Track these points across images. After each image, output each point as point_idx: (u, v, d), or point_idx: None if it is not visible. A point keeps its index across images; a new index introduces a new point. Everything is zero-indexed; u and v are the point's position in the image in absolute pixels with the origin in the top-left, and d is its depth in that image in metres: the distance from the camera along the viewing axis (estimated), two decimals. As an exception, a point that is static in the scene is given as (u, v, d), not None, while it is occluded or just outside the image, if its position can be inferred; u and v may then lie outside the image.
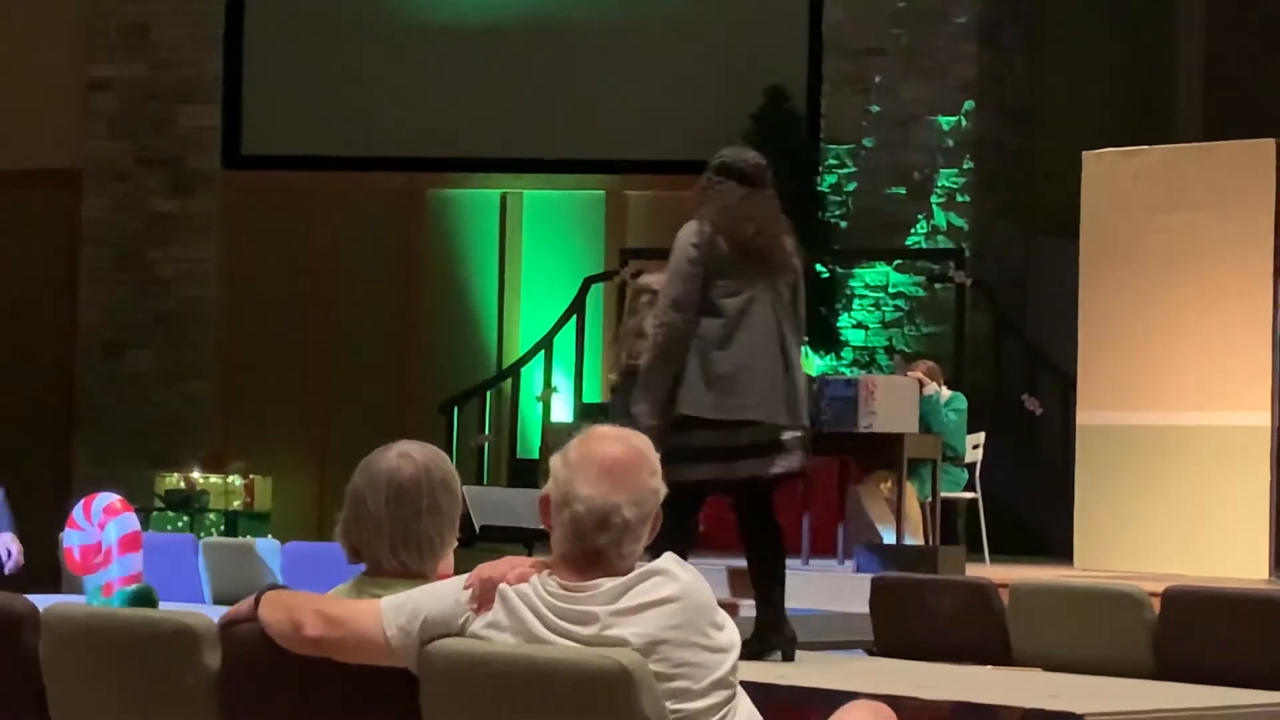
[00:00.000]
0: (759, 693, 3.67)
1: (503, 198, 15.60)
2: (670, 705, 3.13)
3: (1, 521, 6.78)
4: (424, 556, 3.55)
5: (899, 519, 10.73)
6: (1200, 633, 5.10)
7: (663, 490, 3.31)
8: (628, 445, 3.31)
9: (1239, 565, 10.54)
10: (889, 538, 10.80)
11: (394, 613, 3.38)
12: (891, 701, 3.95)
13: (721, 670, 3.23)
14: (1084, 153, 11.90)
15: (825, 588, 10.19)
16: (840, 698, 3.89)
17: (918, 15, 14.47)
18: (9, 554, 6.75)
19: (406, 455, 3.59)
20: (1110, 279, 11.59)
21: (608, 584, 3.24)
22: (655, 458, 3.33)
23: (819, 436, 10.77)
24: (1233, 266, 11.15)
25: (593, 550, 3.24)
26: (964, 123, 14.45)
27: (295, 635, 3.43)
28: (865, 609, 6.30)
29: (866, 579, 6.60)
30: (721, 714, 3.22)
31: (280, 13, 15.48)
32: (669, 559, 3.28)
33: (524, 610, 3.28)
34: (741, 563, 7.60)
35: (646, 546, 3.35)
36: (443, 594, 3.39)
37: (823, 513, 11.07)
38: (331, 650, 3.41)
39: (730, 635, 3.28)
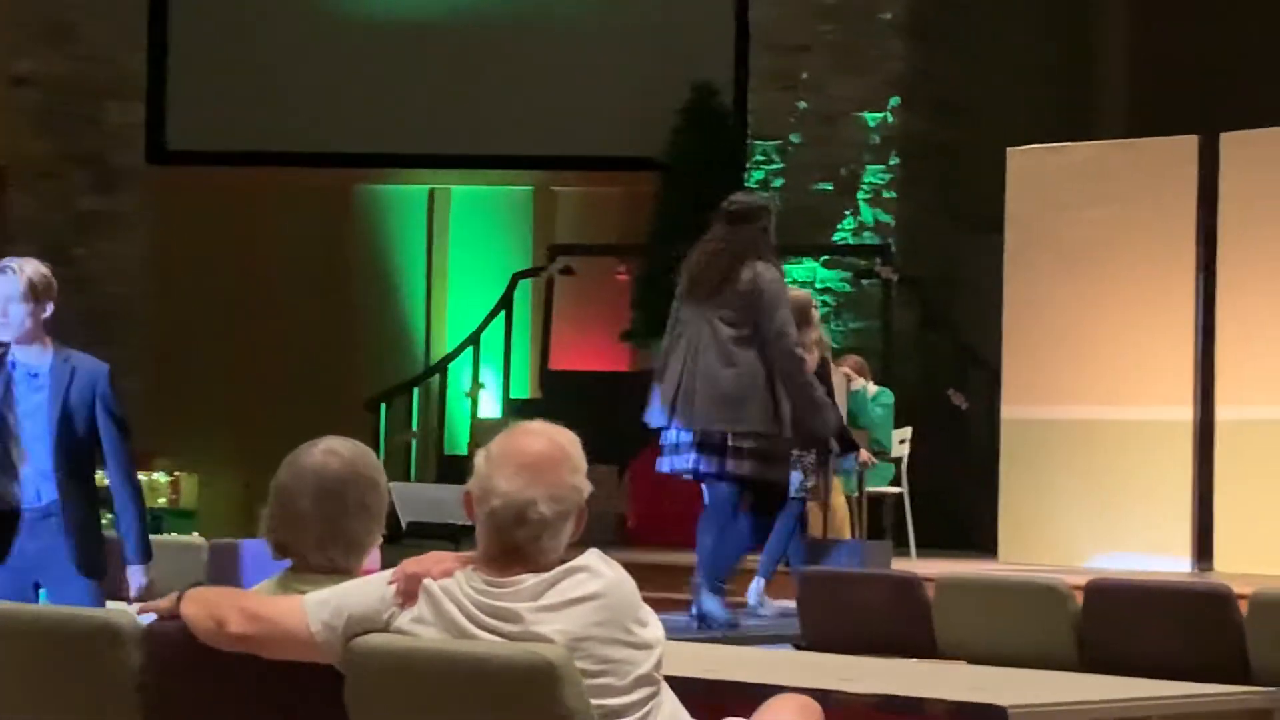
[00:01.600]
0: (684, 687, 3.68)
1: (430, 193, 15.57)
2: (595, 701, 3.13)
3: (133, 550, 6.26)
4: (350, 553, 3.54)
5: (826, 514, 10.77)
6: (1122, 625, 5.15)
7: (586, 488, 3.32)
8: (550, 441, 3.31)
9: (1162, 558, 10.63)
10: (816, 533, 10.83)
11: (318, 609, 3.38)
12: (817, 695, 3.97)
13: (645, 666, 3.24)
14: (1009, 149, 11.97)
15: (751, 582, 10.22)
16: (766, 691, 3.90)
17: (845, 11, 14.51)
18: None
19: (333, 452, 3.58)
20: (1035, 274, 11.67)
21: (531, 580, 3.25)
22: (579, 458, 3.33)
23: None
24: (1155, 262, 11.24)
25: (511, 545, 3.25)
26: (891, 119, 14.50)
27: (219, 632, 3.42)
28: (793, 603, 6.33)
29: (794, 574, 6.63)
30: (645, 710, 3.23)
31: (205, 7, 15.40)
32: (593, 555, 3.28)
33: (449, 605, 3.28)
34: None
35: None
36: (368, 590, 3.39)
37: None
38: (256, 647, 3.40)
39: (654, 631, 3.29)
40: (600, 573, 3.25)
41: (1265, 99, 12.47)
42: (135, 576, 6.11)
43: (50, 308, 6.00)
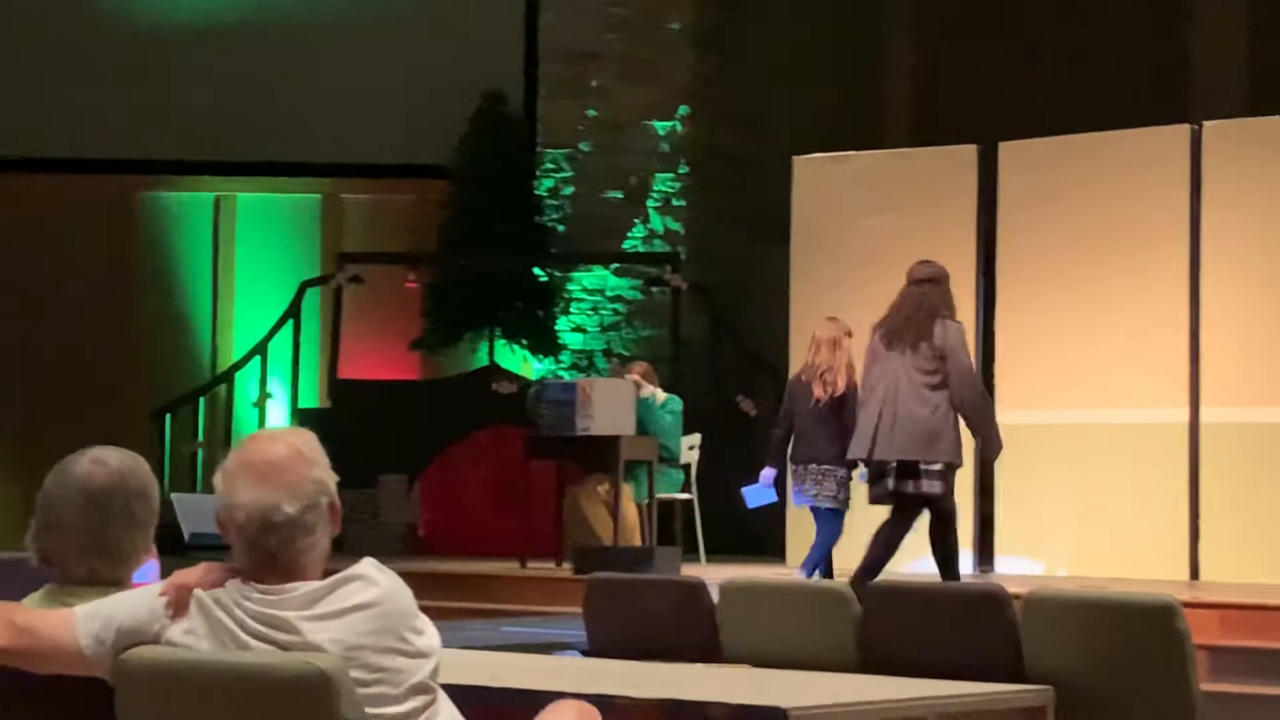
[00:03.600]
0: (464, 695, 3.66)
1: (216, 201, 15.38)
2: (369, 710, 3.11)
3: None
4: (114, 564, 3.47)
5: (616, 521, 10.80)
6: (902, 627, 5.21)
7: (329, 480, 3.28)
8: (283, 444, 3.27)
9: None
10: (607, 539, 10.86)
11: (88, 621, 3.31)
12: (602, 701, 3.97)
13: (421, 675, 3.21)
14: (794, 157, 12.11)
15: (542, 590, 10.23)
16: (548, 698, 3.90)
17: (633, 21, 14.58)
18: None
19: (100, 461, 3.51)
20: (820, 281, 11.81)
21: (304, 588, 3.21)
22: (316, 451, 3.29)
23: (537, 440, 10.88)
24: (938, 269, 11.42)
25: (267, 555, 3.21)
26: (679, 127, 14.59)
27: (-17, 645, 3.33)
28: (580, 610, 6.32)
29: (583, 581, 6.62)
30: (422, 719, 3.21)
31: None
32: (368, 564, 3.25)
33: (221, 616, 3.23)
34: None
35: None
36: (137, 602, 3.32)
37: (541, 515, 11.10)
38: (22, 660, 3.33)
39: (430, 640, 3.27)
40: (375, 581, 3.22)
41: (1041, 110, 12.75)
42: None
43: None
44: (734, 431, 13.19)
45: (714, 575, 6.07)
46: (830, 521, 9.65)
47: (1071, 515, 9.84)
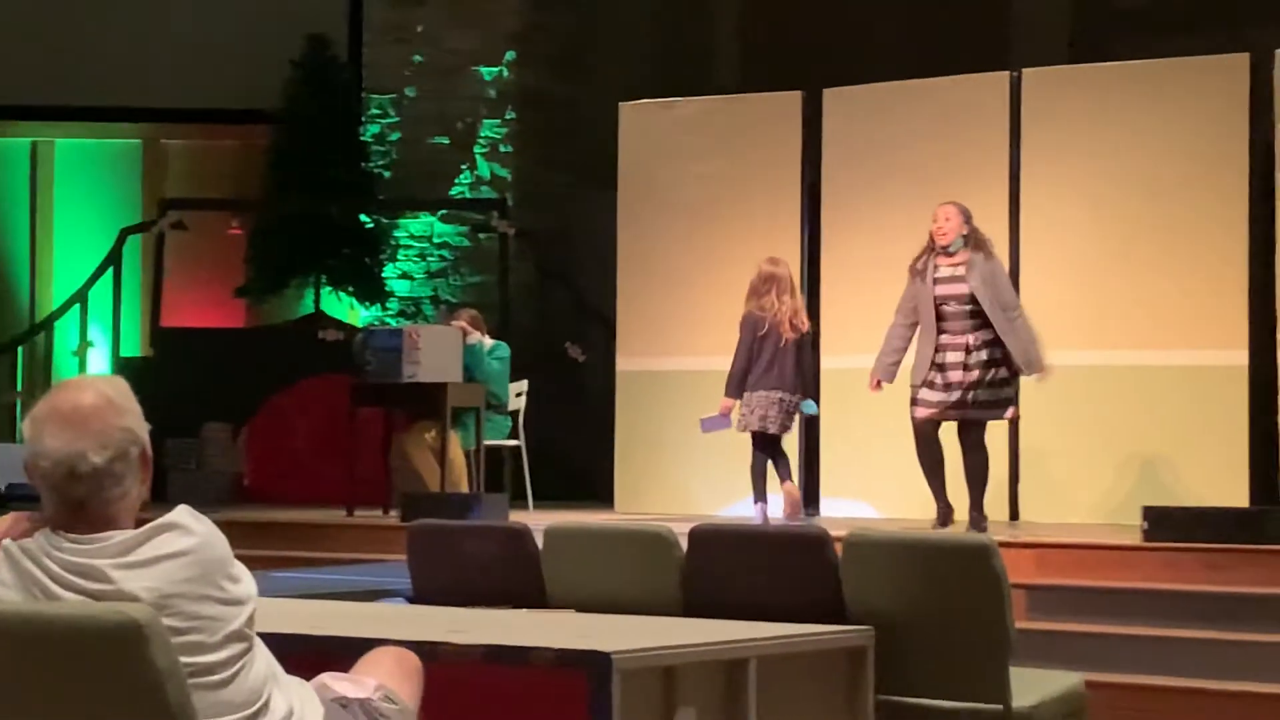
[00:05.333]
0: (285, 643, 3.63)
1: (33, 146, 15.09)
2: (184, 659, 3.07)
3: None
4: (-81, 516, 3.40)
5: (444, 467, 10.77)
6: (725, 570, 5.25)
7: (140, 429, 3.23)
8: (91, 391, 3.22)
9: (775, 505, 10.88)
10: (434, 486, 10.82)
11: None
12: (425, 647, 3.96)
13: (237, 623, 3.18)
14: (621, 104, 12.10)
15: (369, 538, 10.18)
16: (369, 645, 3.88)
17: (460, -36, 14.48)
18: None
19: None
20: (648, 227, 11.83)
21: (117, 537, 3.16)
22: (127, 400, 3.24)
23: (364, 387, 10.81)
24: (763, 214, 11.49)
25: (76, 504, 3.16)
26: (506, 73, 14.52)
27: None
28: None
29: (409, 528, 6.59)
30: (237, 666, 3.18)
31: None
32: (183, 511, 3.21)
33: (29, 566, 3.17)
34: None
35: None
36: (-57, 554, 3.26)
37: (368, 463, 11.04)
38: None
39: (246, 588, 3.24)
40: (191, 529, 3.18)
41: (866, 57, 12.85)
42: None
43: None
44: (562, 378, 13.21)
45: (541, 521, 6.07)
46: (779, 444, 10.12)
47: (896, 459, 9.95)
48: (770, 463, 10.08)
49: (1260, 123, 10.34)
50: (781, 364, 10.02)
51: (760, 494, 10.02)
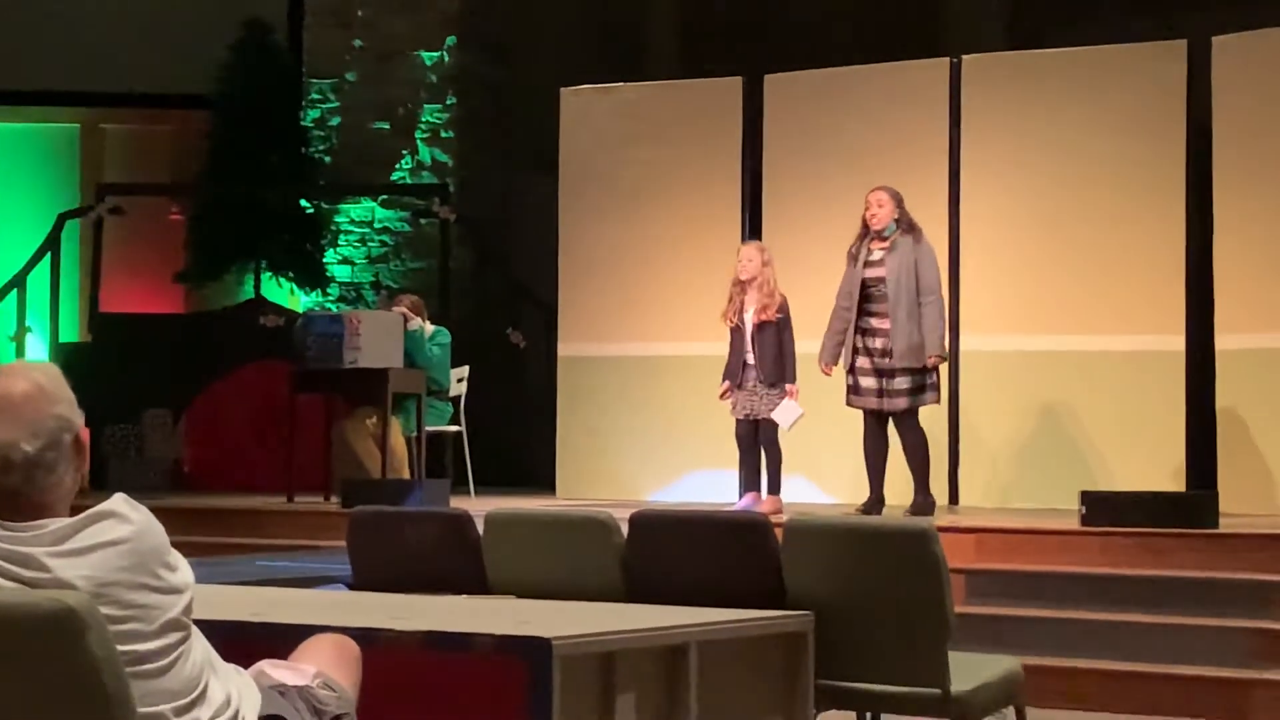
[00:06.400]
0: (223, 631, 3.62)
1: (-31, 131, 14.98)
2: (121, 647, 3.05)
3: None
4: None
5: (384, 454, 10.76)
6: (666, 555, 5.25)
7: (73, 417, 3.21)
8: (23, 379, 3.20)
9: (716, 490, 10.92)
10: (375, 473, 10.80)
11: None
12: (364, 634, 3.95)
13: (174, 611, 3.17)
14: (562, 89, 12.09)
15: (310, 525, 10.15)
16: (308, 632, 3.87)
17: (400, -51, 14.44)
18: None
19: None
20: (588, 214, 11.83)
21: (52, 525, 3.14)
22: (60, 387, 3.22)
23: (304, 373, 10.78)
24: (703, 201, 11.50)
25: (9, 492, 3.14)
26: (447, 58, 14.49)
27: None
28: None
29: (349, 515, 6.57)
30: (175, 654, 3.17)
31: None
32: (119, 500, 3.19)
33: (-38, 554, 3.15)
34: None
35: None
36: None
37: (309, 450, 11.01)
38: None
39: (184, 576, 3.22)
40: (127, 518, 3.16)
41: (807, 43, 12.87)
42: None
43: None
44: (503, 364, 13.20)
45: (482, 507, 6.06)
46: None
47: (841, 443, 9.98)
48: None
49: (1197, 109, 10.41)
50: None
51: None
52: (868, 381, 9.21)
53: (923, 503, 9.28)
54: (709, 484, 11.03)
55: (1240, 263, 10.11)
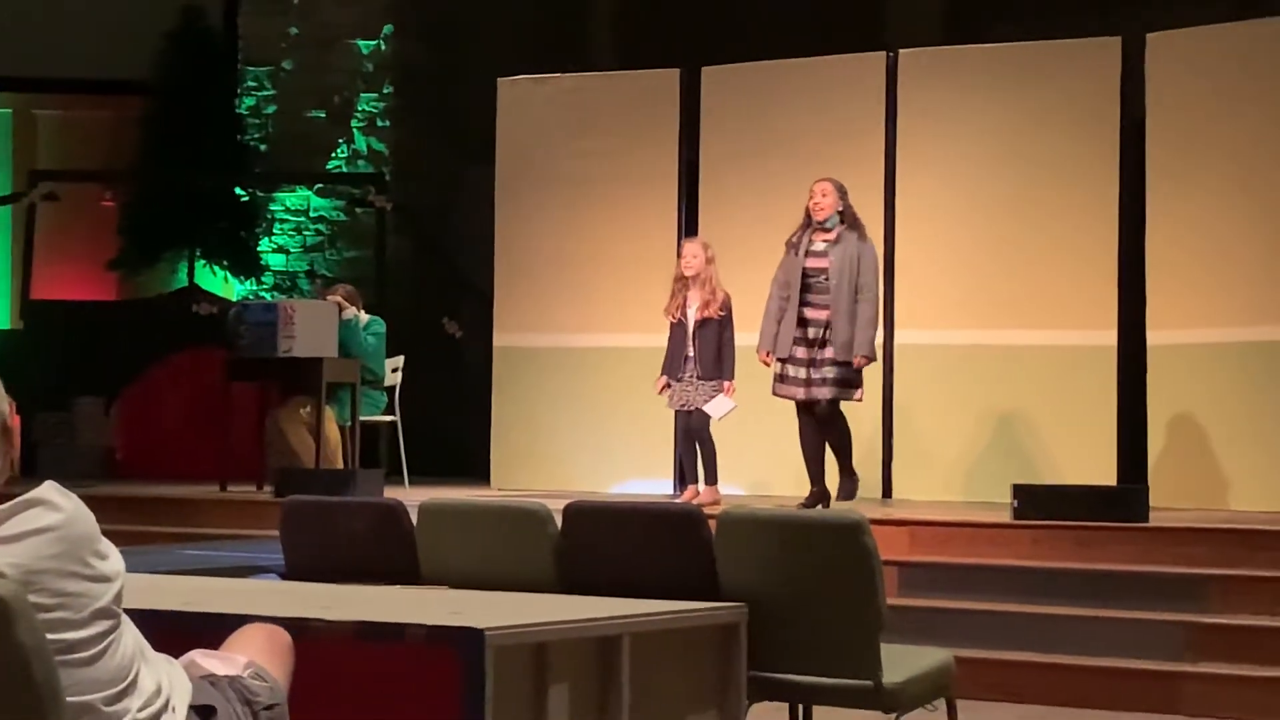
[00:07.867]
0: (154, 620, 3.60)
1: (-100, 116, 14.86)
2: (50, 636, 3.03)
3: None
4: None
5: (318, 443, 10.72)
6: (600, 547, 5.25)
7: (2, 404, 3.19)
8: None
9: (652, 482, 10.93)
10: (309, 462, 10.77)
11: None
12: (296, 624, 3.93)
13: (104, 599, 3.15)
14: (499, 79, 12.06)
15: (243, 514, 10.11)
16: (239, 622, 3.85)
17: (336, -63, 14.38)
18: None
19: None
20: (525, 204, 11.81)
21: (-19, 513, 3.12)
22: None
23: (238, 362, 10.73)
24: (642, 191, 11.51)
25: None
26: (384, 46, 14.44)
27: None
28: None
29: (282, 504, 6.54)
30: (105, 643, 3.15)
31: None
32: (49, 488, 3.17)
33: (-110, 542, 3.13)
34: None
35: None
36: None
37: (242, 438, 10.96)
38: None
39: (114, 564, 3.20)
40: (57, 505, 3.14)
41: (744, 35, 12.88)
42: None
43: None
44: (439, 354, 13.17)
45: (417, 497, 6.05)
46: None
47: (776, 437, 10.01)
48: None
49: (1131, 105, 10.48)
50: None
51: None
52: (797, 371, 9.22)
53: (849, 484, 9.30)
54: (644, 476, 11.04)
55: (1172, 259, 10.18)
